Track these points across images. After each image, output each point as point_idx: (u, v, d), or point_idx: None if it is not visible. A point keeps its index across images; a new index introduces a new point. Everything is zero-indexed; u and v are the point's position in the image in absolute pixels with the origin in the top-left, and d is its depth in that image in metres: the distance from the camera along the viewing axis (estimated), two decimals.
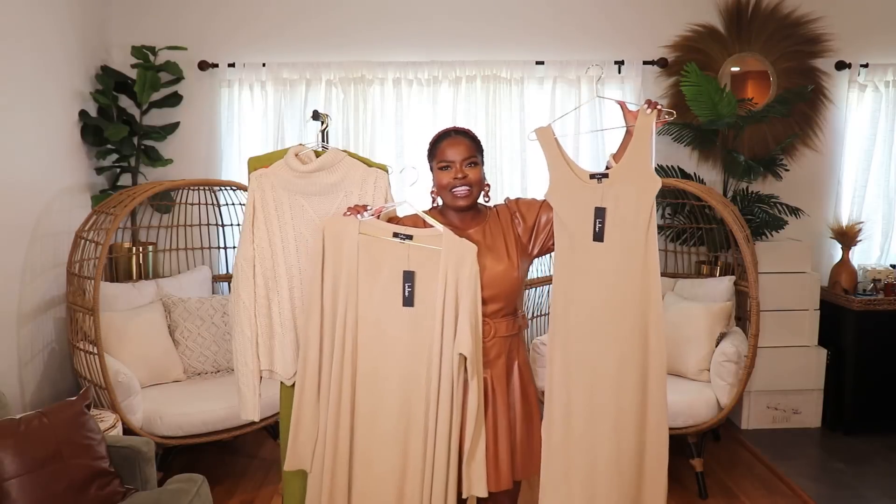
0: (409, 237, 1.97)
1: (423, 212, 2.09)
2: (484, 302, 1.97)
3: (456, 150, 2.00)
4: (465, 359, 1.91)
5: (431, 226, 2.00)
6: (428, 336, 1.95)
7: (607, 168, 2.03)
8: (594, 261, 2.00)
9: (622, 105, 2.04)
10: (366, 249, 1.99)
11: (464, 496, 1.98)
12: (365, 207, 2.04)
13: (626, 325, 2.01)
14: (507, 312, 2.04)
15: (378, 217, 2.05)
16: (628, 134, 2.02)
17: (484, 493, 1.98)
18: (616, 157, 2.03)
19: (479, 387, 1.94)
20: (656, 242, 2.03)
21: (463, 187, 1.99)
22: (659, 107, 1.98)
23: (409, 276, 1.95)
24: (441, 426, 1.94)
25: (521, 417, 2.06)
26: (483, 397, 1.98)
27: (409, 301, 1.96)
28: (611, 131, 3.96)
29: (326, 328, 2.02)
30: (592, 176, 2.00)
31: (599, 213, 1.99)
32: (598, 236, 1.99)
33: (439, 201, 2.11)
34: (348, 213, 2.04)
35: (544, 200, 2.09)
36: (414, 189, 2.46)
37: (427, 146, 2.09)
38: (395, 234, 1.98)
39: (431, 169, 2.07)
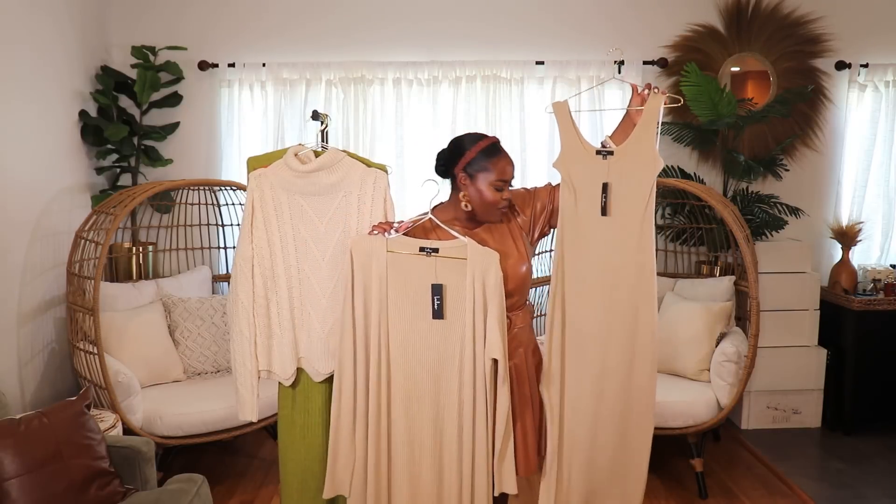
0: (435, 250, 1.99)
1: (433, 213, 2.10)
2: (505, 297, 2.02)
3: (511, 171, 2.08)
4: (496, 363, 1.97)
5: (454, 236, 2.02)
6: (458, 345, 1.99)
7: (603, 147, 2.10)
8: (596, 232, 2.11)
9: (633, 87, 2.12)
10: (394, 266, 2.02)
11: (495, 494, 2.04)
12: (391, 225, 2.04)
13: (616, 295, 2.11)
14: (521, 304, 2.12)
15: (404, 232, 2.05)
16: (627, 116, 2.12)
17: (514, 491, 2.04)
18: (613, 137, 2.12)
19: (507, 389, 1.99)
20: (653, 220, 2.12)
21: (506, 207, 2.08)
22: (662, 90, 2.09)
23: (437, 289, 1.99)
24: (478, 432, 1.99)
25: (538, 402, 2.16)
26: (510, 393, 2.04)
27: (438, 314, 1.99)
28: (612, 116, 3.96)
29: (359, 348, 2.04)
30: (598, 152, 2.10)
31: (605, 188, 2.09)
32: (604, 210, 2.09)
33: (440, 198, 2.13)
34: (375, 231, 2.05)
35: (536, 188, 2.18)
36: (419, 197, 2.45)
37: (474, 148, 2.03)
38: (422, 249, 2.00)
39: (471, 175, 2.03)
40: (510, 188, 2.09)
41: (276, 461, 3.43)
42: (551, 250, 3.93)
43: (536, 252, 3.79)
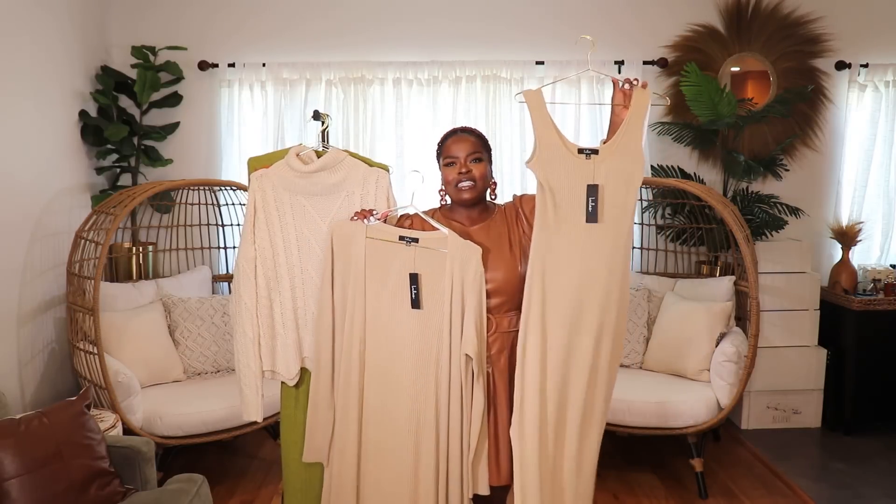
0: (415, 240, 1.99)
1: (430, 211, 2.13)
2: (487, 296, 1.99)
3: (460, 147, 2.04)
4: (471, 359, 1.94)
5: (436, 228, 2.01)
6: (436, 337, 1.98)
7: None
8: (580, 241, 1.91)
9: (615, 82, 1.99)
10: (373, 253, 2.02)
11: (469, 495, 2.01)
12: (371, 212, 2.06)
13: (598, 308, 1.94)
14: (510, 308, 2.05)
15: (384, 221, 2.07)
16: (613, 113, 1.99)
17: (486, 491, 2.01)
18: (606, 140, 2.01)
19: (483, 387, 1.97)
20: (633, 229, 1.99)
21: (467, 182, 2.02)
22: (643, 83, 1.96)
23: (414, 279, 1.98)
24: (452, 426, 1.97)
25: None
26: (486, 394, 2.00)
27: (416, 303, 1.98)
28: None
29: (336, 331, 2.06)
30: (581, 150, 1.91)
31: (592, 190, 1.88)
32: (592, 216, 1.89)
33: (447, 200, 2.13)
34: (355, 217, 2.06)
35: None
36: (418, 193, 2.47)
37: (435, 147, 2.14)
38: (401, 238, 2.00)
39: (440, 168, 2.11)
40: (516, 192, 2.07)
41: (277, 461, 3.44)
42: None
43: None
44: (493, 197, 2.14)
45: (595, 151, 1.91)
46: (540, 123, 1.93)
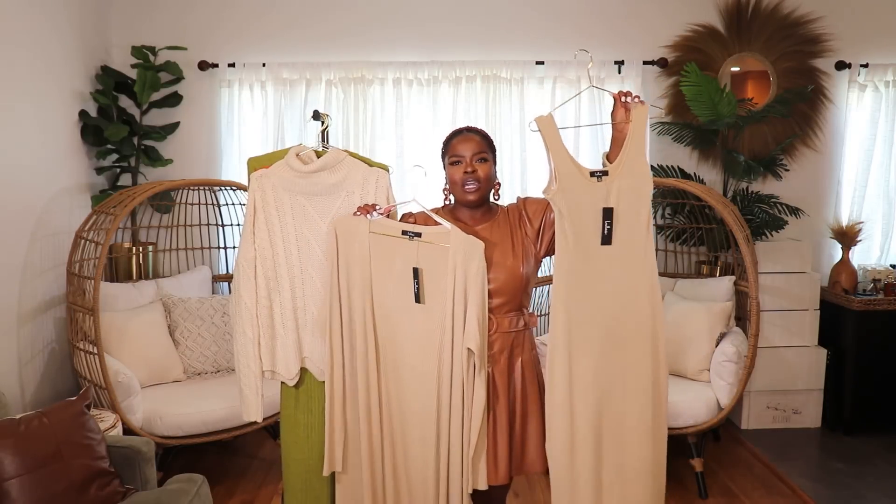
0: (418, 235, 2.00)
1: (433, 210, 2.13)
2: (488, 296, 2.00)
3: (466, 146, 2.05)
4: (473, 353, 1.95)
5: (439, 223, 2.03)
6: (439, 331, 1.99)
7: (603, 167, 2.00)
8: (601, 266, 1.93)
9: (616, 97, 1.99)
10: (376, 248, 2.03)
11: (468, 490, 2.02)
12: (374, 207, 2.07)
13: (635, 334, 1.96)
14: (511, 309, 2.05)
15: (387, 216, 2.08)
16: (616, 130, 1.99)
17: (485, 486, 2.02)
18: (609, 155, 2.01)
19: (485, 381, 1.98)
20: (654, 241, 2.00)
21: (472, 182, 2.03)
22: (640, 99, 1.97)
23: (416, 273, 1.99)
24: (453, 421, 1.98)
25: (519, 415, 2.08)
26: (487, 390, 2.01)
27: (418, 297, 2.00)
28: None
29: (345, 326, 2.06)
30: (593, 174, 1.93)
31: (607, 213, 1.90)
32: (607, 239, 1.91)
33: (451, 199, 2.14)
34: (358, 213, 2.07)
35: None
36: (419, 188, 2.47)
37: (441, 146, 2.14)
38: (404, 232, 2.01)
39: (445, 167, 2.11)
40: (522, 194, 2.07)
41: (277, 461, 3.44)
42: None
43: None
44: (496, 198, 2.14)
45: (605, 173, 1.92)
46: (555, 151, 1.93)
